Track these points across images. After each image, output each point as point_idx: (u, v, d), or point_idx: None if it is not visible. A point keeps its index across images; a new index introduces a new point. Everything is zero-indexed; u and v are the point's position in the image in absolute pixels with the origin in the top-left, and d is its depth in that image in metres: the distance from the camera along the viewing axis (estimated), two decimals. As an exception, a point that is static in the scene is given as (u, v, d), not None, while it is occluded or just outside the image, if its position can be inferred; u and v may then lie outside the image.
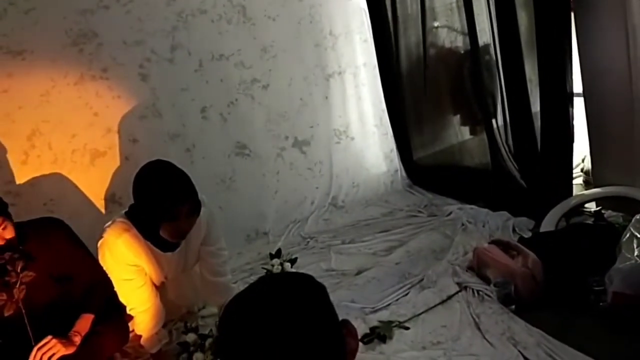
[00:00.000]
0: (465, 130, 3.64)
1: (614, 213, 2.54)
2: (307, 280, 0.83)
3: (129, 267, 2.14)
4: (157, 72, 3.02)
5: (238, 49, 3.23)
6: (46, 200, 2.75)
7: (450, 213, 3.12)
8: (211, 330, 2.29)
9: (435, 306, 2.30)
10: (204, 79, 3.16)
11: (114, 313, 2.31)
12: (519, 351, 1.93)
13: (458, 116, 3.70)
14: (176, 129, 3.13)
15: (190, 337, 2.22)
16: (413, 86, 3.69)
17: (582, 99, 2.71)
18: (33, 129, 2.72)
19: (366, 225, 3.29)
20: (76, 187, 2.86)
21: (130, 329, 2.31)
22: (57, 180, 2.79)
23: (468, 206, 3.14)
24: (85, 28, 2.78)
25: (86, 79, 2.82)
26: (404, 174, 3.78)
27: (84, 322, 1.98)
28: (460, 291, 2.36)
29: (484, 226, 2.87)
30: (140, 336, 2.37)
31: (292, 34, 3.41)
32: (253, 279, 2.81)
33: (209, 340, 2.21)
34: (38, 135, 2.73)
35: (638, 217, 2.20)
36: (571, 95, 2.58)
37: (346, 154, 3.68)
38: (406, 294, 2.44)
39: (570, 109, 2.58)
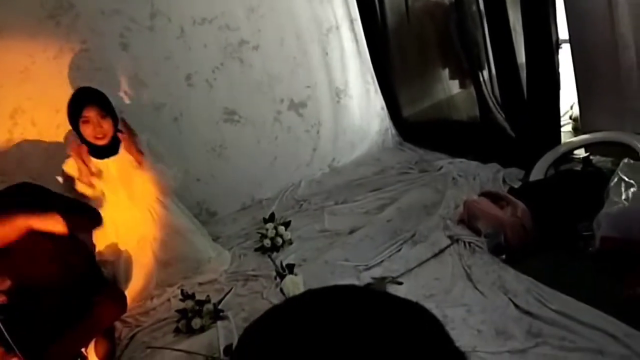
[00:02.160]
0: (454, 84, 3.61)
1: (603, 158, 2.55)
2: (414, 313, 0.52)
3: None
4: (138, 41, 2.96)
5: (222, 11, 3.15)
6: (34, 175, 2.74)
7: (441, 168, 3.13)
8: (208, 295, 2.33)
9: (427, 260, 2.34)
10: (186, 45, 3.10)
11: (108, 282, 2.37)
12: (510, 299, 1.97)
13: (446, 70, 3.66)
14: (162, 98, 3.09)
15: (188, 303, 2.26)
16: (399, 41, 3.63)
17: (568, 45, 2.68)
18: (15, 107, 2.69)
19: (358, 185, 3.30)
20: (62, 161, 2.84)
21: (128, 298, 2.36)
22: (43, 155, 2.77)
23: (458, 160, 3.14)
24: (61, -1, 2.72)
25: (66, 52, 2.77)
26: (394, 131, 3.77)
27: None
28: (451, 244, 2.39)
29: (474, 179, 2.88)
30: (137, 304, 2.42)
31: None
32: (249, 244, 2.86)
33: (207, 306, 2.25)
34: (20, 113, 2.71)
35: (626, 161, 2.22)
36: (556, 43, 2.55)
37: (342, 113, 3.63)
38: (399, 250, 2.47)
39: (556, 56, 2.55)
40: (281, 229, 2.80)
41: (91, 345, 2.11)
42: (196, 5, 3.07)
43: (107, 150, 2.50)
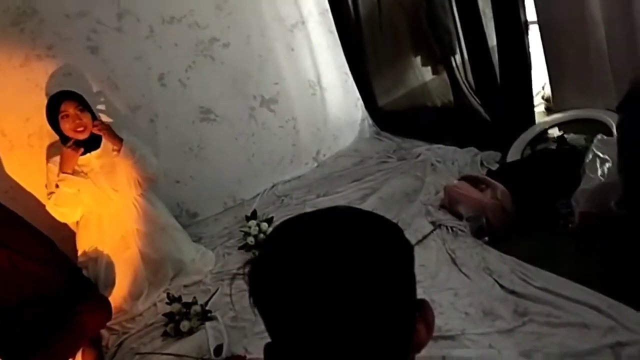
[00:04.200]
0: (427, 70, 3.63)
1: (577, 136, 2.59)
2: (392, 229, 0.62)
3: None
4: (106, 43, 2.90)
5: (190, 9, 3.10)
6: (7, 188, 2.68)
7: (419, 155, 3.15)
8: (194, 297, 2.31)
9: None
10: (157, 45, 3.04)
11: (92, 290, 2.34)
12: (495, 280, 2.00)
13: (419, 57, 3.68)
14: (136, 100, 3.04)
15: (175, 306, 2.24)
16: (371, 32, 3.63)
17: (537, 26, 2.71)
18: (-17, 118, 2.62)
19: (339, 177, 3.31)
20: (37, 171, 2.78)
21: (113, 305, 2.34)
22: (16, 166, 2.71)
23: (436, 146, 3.17)
24: (24, 5, 2.63)
25: (32, 59, 2.70)
26: (370, 121, 3.78)
27: None
28: (434, 230, 2.41)
29: (452, 164, 2.91)
30: (123, 311, 2.40)
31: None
32: (232, 242, 2.84)
33: (194, 308, 2.23)
34: (-10, 123, 2.64)
35: (599, 137, 2.26)
36: (526, 24, 2.58)
37: (316, 107, 3.61)
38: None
39: (526, 38, 2.58)
40: (264, 225, 2.78)
41: (78, 355, 2.08)
42: (164, 4, 3.01)
43: (89, 146, 2.51)
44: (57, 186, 2.41)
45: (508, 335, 1.76)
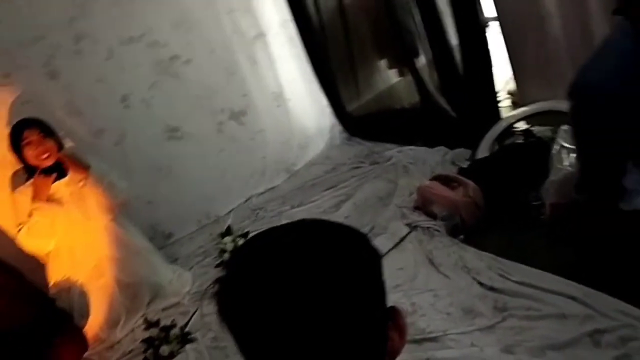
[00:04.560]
0: (393, 73, 3.65)
1: (543, 128, 2.62)
2: (359, 239, 0.62)
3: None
4: (65, 68, 2.84)
5: (148, 28, 3.06)
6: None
7: (391, 158, 3.15)
8: (173, 320, 2.26)
9: (389, 251, 2.34)
10: (118, 66, 2.99)
11: (66, 322, 2.28)
12: (473, 277, 2.00)
13: (384, 60, 3.70)
14: (100, 123, 2.98)
15: (153, 331, 2.20)
16: (336, 38, 3.64)
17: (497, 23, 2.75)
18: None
19: (312, 186, 3.29)
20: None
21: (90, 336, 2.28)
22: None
23: (407, 148, 3.17)
24: (-26, 35, 2.58)
25: (-12, 89, 2.63)
26: (340, 128, 3.78)
27: None
28: (410, 232, 2.41)
29: (424, 164, 2.92)
30: (100, 340, 2.34)
31: (202, 3, 3.24)
32: (208, 261, 2.80)
33: (173, 331, 2.19)
34: (-50, 160, 2.55)
35: (564, 127, 2.29)
36: (485, 21, 2.61)
37: (284, 117, 3.59)
38: (360, 245, 2.47)
39: (486, 35, 2.61)
40: (240, 241, 2.75)
41: (56, 390, 2.02)
42: (121, 24, 2.96)
43: (56, 173, 2.45)
44: (29, 215, 2.34)
45: (489, 332, 1.76)
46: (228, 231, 2.87)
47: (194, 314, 2.38)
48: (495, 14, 2.82)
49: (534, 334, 1.67)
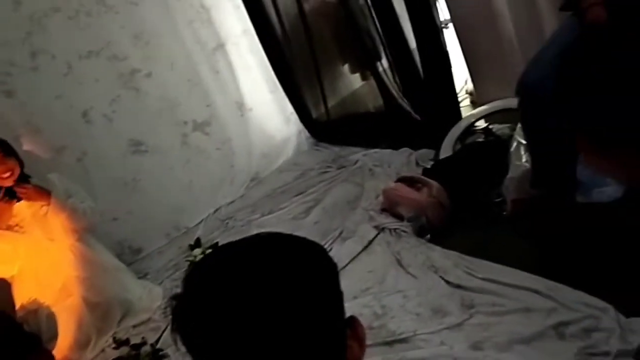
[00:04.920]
0: (356, 77, 3.68)
1: (501, 126, 2.68)
2: (314, 250, 0.63)
3: None
4: (22, 85, 2.79)
5: (106, 42, 3.02)
6: None
7: (357, 161, 3.17)
8: (143, 337, 2.23)
9: (358, 254, 2.36)
10: (77, 81, 2.95)
11: (34, 346, 2.23)
12: (440, 276, 2.03)
13: (346, 66, 3.73)
14: (60, 140, 2.94)
15: (123, 350, 2.16)
16: (299, 45, 3.65)
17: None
18: None
19: (281, 193, 3.29)
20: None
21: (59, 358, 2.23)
22: None
23: (372, 150, 3.21)
24: None
25: (-57, 111, 2.56)
26: (307, 134, 3.79)
27: None
28: (378, 234, 2.43)
29: (389, 166, 2.95)
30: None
31: (161, 15, 3.23)
32: (179, 275, 2.77)
33: (144, 349, 2.16)
34: None
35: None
36: (441, 24, 2.67)
37: (249, 126, 3.59)
38: (330, 250, 2.48)
39: (442, 37, 2.66)
40: (209, 252, 2.73)
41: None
42: (78, 39, 2.92)
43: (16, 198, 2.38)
44: None
45: (458, 330, 1.79)
46: (197, 243, 2.85)
47: (165, 330, 2.35)
48: (449, 16, 2.88)
49: (501, 329, 1.71)
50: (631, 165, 0.68)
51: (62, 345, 2.37)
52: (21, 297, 2.44)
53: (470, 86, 3.10)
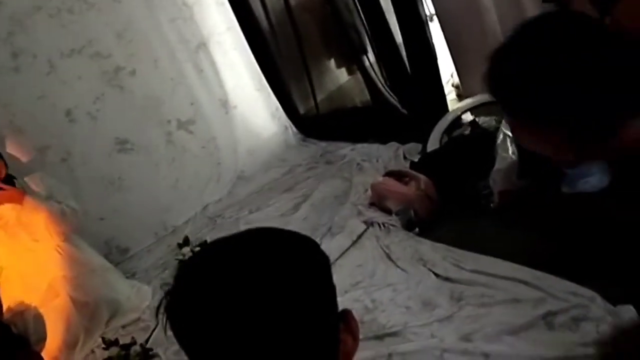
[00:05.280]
0: (342, 72, 3.67)
1: (487, 118, 2.69)
2: (306, 245, 0.62)
3: None
4: (4, 86, 2.76)
5: (89, 39, 2.99)
6: None
7: (345, 156, 3.18)
8: (133, 337, 2.22)
9: (347, 249, 2.36)
10: (59, 80, 2.92)
11: (23, 348, 2.20)
12: (429, 269, 2.04)
13: (332, 61, 3.72)
14: (44, 140, 2.90)
15: (113, 351, 2.15)
16: (283, 40, 3.63)
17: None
18: None
19: (269, 189, 3.29)
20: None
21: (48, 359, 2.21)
22: None
23: (359, 145, 3.21)
24: None
25: None
26: (294, 129, 3.78)
27: None
28: (367, 228, 2.43)
29: (377, 161, 2.96)
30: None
31: (143, 13, 3.19)
32: (168, 273, 2.75)
33: (134, 349, 2.15)
34: None
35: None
36: (426, 18, 2.67)
37: (234, 123, 3.58)
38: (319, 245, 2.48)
39: (428, 31, 2.67)
40: (201, 248, 2.72)
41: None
42: (60, 37, 2.89)
43: None
44: None
45: (448, 322, 1.79)
46: (186, 241, 2.84)
47: (154, 329, 2.33)
48: (434, 10, 2.88)
49: (490, 321, 1.71)
50: (555, 142, 0.79)
51: (51, 346, 2.34)
52: (7, 299, 2.41)
53: (456, 79, 3.11)
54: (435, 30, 2.87)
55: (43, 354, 2.29)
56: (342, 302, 1.77)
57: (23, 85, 2.80)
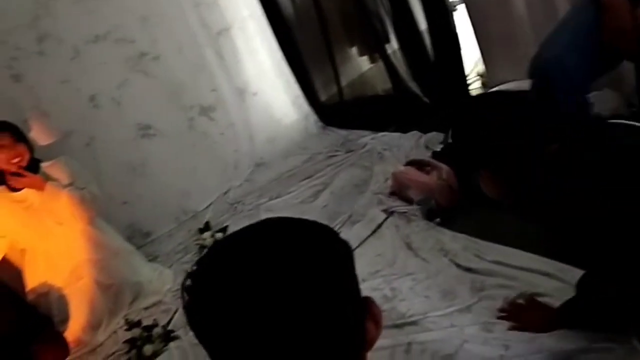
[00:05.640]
0: (364, 60, 3.65)
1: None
2: (327, 234, 0.62)
3: None
4: (29, 70, 2.80)
5: (114, 25, 3.01)
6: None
7: (366, 145, 3.16)
8: (155, 319, 2.25)
9: (367, 238, 2.36)
10: (84, 66, 2.94)
11: (46, 328, 2.25)
12: (450, 260, 2.03)
13: (354, 48, 3.69)
14: (69, 125, 2.94)
15: (135, 331, 2.18)
16: (306, 28, 3.62)
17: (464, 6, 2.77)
18: None
19: (289, 176, 3.29)
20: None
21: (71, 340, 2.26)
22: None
23: (380, 134, 3.19)
24: None
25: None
26: (315, 117, 3.77)
27: None
28: (387, 218, 2.43)
29: (398, 150, 2.93)
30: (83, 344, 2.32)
31: (168, -3, 3.20)
32: (189, 258, 2.79)
33: (156, 330, 2.18)
34: None
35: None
36: (452, 5, 2.63)
37: (254, 110, 3.58)
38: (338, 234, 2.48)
39: (452, 19, 2.63)
40: (219, 236, 2.74)
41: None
42: (85, 22, 2.91)
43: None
44: None
45: (468, 312, 1.78)
46: (207, 227, 2.86)
47: (176, 311, 2.37)
48: (461, -3, 2.84)
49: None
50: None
51: (74, 327, 2.39)
52: (32, 280, 2.47)
53: (481, 68, 3.07)
54: (461, 18, 2.83)
55: (66, 335, 2.35)
56: (361, 291, 1.78)
57: (48, 70, 2.83)
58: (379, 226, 2.40)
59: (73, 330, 2.37)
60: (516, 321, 1.62)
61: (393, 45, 3.11)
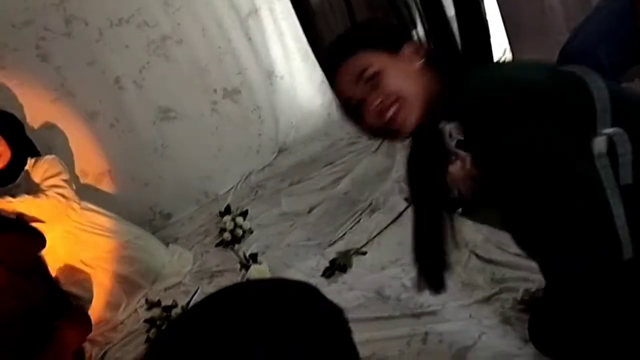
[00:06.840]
0: (390, 45, 3.59)
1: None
2: (312, 298, 0.55)
3: None
4: (56, 50, 2.84)
5: (137, 8, 3.02)
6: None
7: (389, 132, 3.12)
8: (174, 300, 2.28)
9: (387, 226, 2.34)
10: (108, 48, 2.98)
11: (72, 304, 2.30)
12: (471, 251, 2.00)
13: (380, 33, 3.64)
14: (93, 106, 2.98)
15: (155, 311, 2.22)
16: (331, 12, 3.57)
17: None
18: None
19: (311, 162, 3.28)
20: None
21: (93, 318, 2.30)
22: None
23: (404, 122, 3.14)
24: (-36, 18, 2.55)
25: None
26: (337, 103, 3.73)
27: None
28: (409, 206, 2.40)
29: (422, 138, 2.89)
30: (104, 321, 2.36)
31: (192, -20, 3.19)
32: (209, 240, 2.81)
33: (175, 311, 2.21)
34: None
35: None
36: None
37: (280, 94, 3.57)
38: (358, 221, 2.47)
39: (482, 5, 2.56)
40: (239, 219, 2.76)
41: (61, 371, 2.05)
42: (110, 5, 2.93)
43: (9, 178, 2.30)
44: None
45: (487, 304, 1.76)
46: (227, 210, 2.88)
47: (195, 293, 2.40)
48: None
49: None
50: None
51: (96, 306, 2.43)
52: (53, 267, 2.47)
53: (509, 56, 2.99)
54: (489, 4, 2.76)
55: (90, 312, 2.40)
56: (380, 279, 1.78)
57: (74, 51, 2.87)
58: (400, 214, 2.38)
59: (96, 309, 2.42)
60: None
61: (420, 32, 3.05)
